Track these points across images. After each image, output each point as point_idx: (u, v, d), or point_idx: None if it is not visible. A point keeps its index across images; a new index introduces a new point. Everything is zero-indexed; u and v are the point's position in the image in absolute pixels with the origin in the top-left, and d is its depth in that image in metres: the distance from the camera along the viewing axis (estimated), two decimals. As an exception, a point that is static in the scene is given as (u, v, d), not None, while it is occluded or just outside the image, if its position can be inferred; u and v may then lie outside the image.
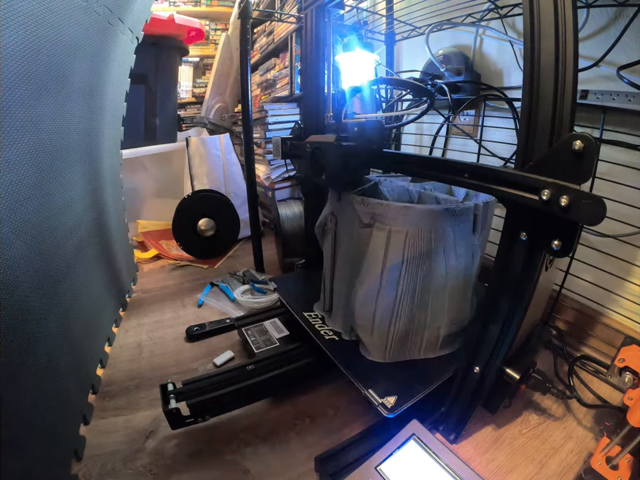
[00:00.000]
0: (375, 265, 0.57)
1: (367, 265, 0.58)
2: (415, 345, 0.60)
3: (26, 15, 0.43)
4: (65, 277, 0.59)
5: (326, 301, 0.71)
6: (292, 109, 1.40)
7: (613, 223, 0.62)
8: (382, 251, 0.56)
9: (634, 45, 0.63)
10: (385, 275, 0.56)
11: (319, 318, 0.71)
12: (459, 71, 0.91)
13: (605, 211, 0.32)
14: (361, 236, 0.59)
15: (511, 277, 0.44)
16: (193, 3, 2.46)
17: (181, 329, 0.86)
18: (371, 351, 0.60)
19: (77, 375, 0.60)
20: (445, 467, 0.44)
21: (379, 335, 0.59)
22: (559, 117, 0.36)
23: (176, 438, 0.58)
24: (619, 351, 0.48)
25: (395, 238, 0.54)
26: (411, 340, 0.60)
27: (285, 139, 0.76)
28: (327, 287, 0.70)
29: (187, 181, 1.41)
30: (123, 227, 1.03)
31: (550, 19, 0.35)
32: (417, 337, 0.60)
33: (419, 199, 0.71)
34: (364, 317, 0.60)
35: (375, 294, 0.57)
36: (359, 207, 0.57)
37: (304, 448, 0.56)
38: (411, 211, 0.53)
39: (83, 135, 0.68)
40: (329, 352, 0.61)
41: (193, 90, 2.62)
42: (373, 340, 0.60)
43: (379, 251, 0.56)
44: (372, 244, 0.57)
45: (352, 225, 0.60)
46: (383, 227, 0.55)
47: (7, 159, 0.43)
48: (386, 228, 0.55)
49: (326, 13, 0.74)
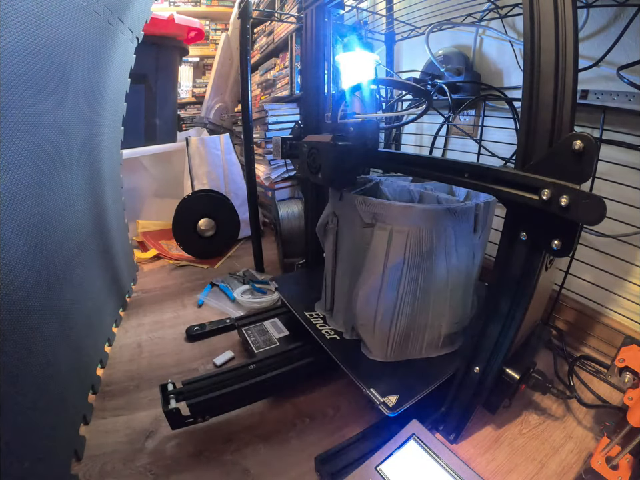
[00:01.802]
0: (377, 265, 0.57)
1: (368, 265, 0.58)
2: (416, 344, 0.60)
3: (26, 14, 0.43)
4: (65, 277, 0.59)
5: (327, 301, 0.71)
6: (292, 109, 1.40)
7: (613, 223, 0.62)
8: (383, 251, 0.56)
9: (634, 45, 0.63)
10: (386, 274, 0.56)
11: (320, 317, 0.71)
12: (459, 71, 0.91)
13: (605, 210, 0.32)
14: (362, 236, 0.59)
15: (511, 277, 0.44)
16: (192, 2, 2.46)
17: (181, 329, 0.86)
18: (373, 351, 0.60)
19: (77, 375, 0.60)
20: (445, 466, 0.44)
21: (381, 334, 0.59)
22: (558, 117, 0.36)
23: (176, 438, 0.58)
24: (618, 351, 0.48)
25: (397, 237, 0.54)
26: (413, 339, 0.60)
27: (285, 139, 0.76)
28: (328, 287, 0.70)
29: (187, 181, 1.41)
30: (123, 226, 1.03)
31: (550, 19, 0.35)
32: (418, 337, 0.60)
33: (420, 199, 0.71)
34: (365, 317, 0.60)
35: (377, 293, 0.57)
36: (360, 207, 0.57)
37: (304, 448, 0.56)
38: (412, 210, 0.53)
39: (82, 135, 0.68)
40: (331, 351, 0.61)
41: (192, 90, 2.62)
42: (375, 339, 0.60)
43: (381, 251, 0.56)
44: (373, 243, 0.57)
45: (353, 225, 0.60)
46: (385, 227, 0.55)
47: (7, 159, 0.43)
48: (387, 228, 0.55)
49: (326, 13, 0.74)
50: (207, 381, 0.61)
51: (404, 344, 0.60)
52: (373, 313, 0.58)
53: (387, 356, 0.60)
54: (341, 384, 0.67)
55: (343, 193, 0.62)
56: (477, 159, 0.92)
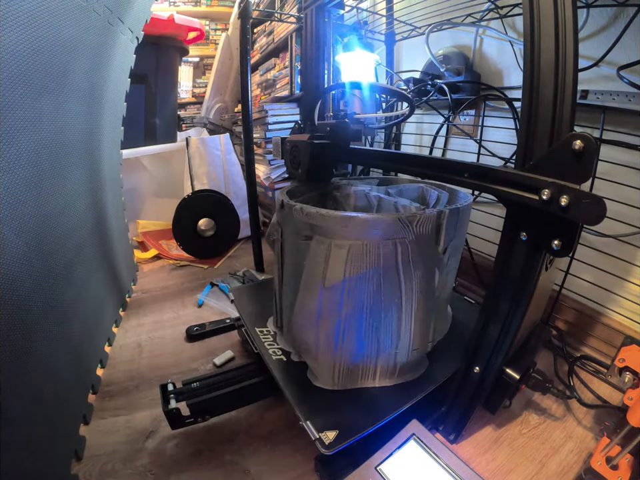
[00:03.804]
0: (314, 283, 0.50)
1: (305, 283, 0.52)
2: (367, 372, 0.54)
3: (26, 14, 0.43)
4: (65, 277, 0.59)
5: (277, 317, 0.66)
6: (292, 109, 1.40)
7: (613, 222, 0.62)
8: (321, 268, 0.49)
9: (634, 45, 0.63)
10: (325, 294, 0.49)
11: (270, 335, 0.65)
12: (459, 71, 0.91)
13: (605, 210, 0.32)
14: (299, 249, 0.52)
15: (511, 277, 0.44)
16: (192, 2, 2.46)
17: (181, 329, 0.86)
18: (319, 377, 0.54)
19: (77, 375, 0.60)
20: (445, 466, 0.44)
21: (325, 360, 0.53)
22: (558, 117, 0.36)
23: (176, 438, 0.58)
24: (618, 351, 0.48)
25: (335, 253, 0.47)
26: (362, 367, 0.53)
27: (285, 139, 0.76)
28: (277, 303, 0.65)
29: (187, 181, 1.41)
30: (123, 226, 1.03)
31: (550, 19, 0.35)
32: (368, 364, 0.53)
33: (377, 206, 0.65)
34: (306, 341, 0.55)
35: (315, 316, 0.51)
36: (298, 216, 0.50)
37: (304, 448, 0.56)
38: (353, 221, 0.45)
39: (82, 135, 0.68)
40: (275, 373, 0.56)
41: (193, 90, 2.62)
42: (318, 365, 0.54)
43: (318, 268, 0.49)
44: (309, 259, 0.50)
45: (295, 236, 0.54)
46: (323, 240, 0.48)
47: (7, 159, 0.43)
48: (326, 242, 0.48)
49: (326, 13, 0.74)
50: (207, 381, 0.61)
51: (353, 371, 0.53)
52: (314, 336, 0.53)
53: (334, 384, 0.53)
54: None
55: (284, 200, 0.55)
56: (477, 158, 0.92)
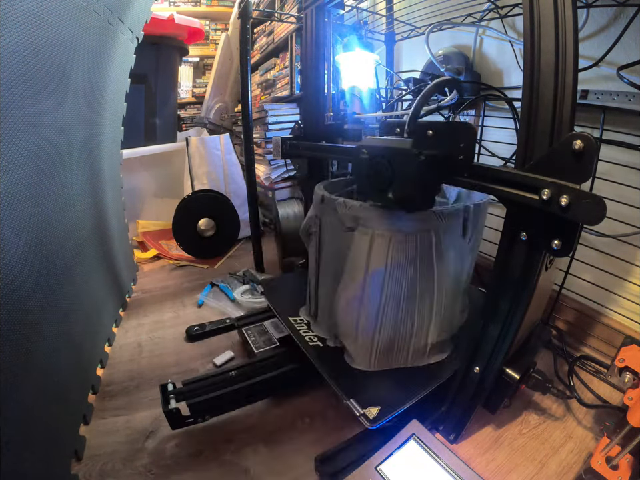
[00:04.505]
0: (358, 270, 0.54)
1: (349, 270, 0.56)
2: (401, 353, 0.58)
3: (26, 14, 0.43)
4: (65, 277, 0.59)
5: (311, 306, 0.69)
6: (292, 109, 1.40)
7: (613, 223, 0.62)
8: (364, 256, 0.53)
9: (634, 45, 0.63)
10: (367, 280, 0.53)
11: (304, 323, 0.68)
12: (459, 71, 0.91)
13: (605, 210, 0.32)
14: (343, 240, 0.56)
15: (511, 277, 0.44)
16: (192, 2, 2.46)
17: (181, 329, 0.86)
18: (355, 359, 0.58)
19: (77, 374, 0.60)
20: (445, 466, 0.44)
21: (363, 342, 0.57)
22: (558, 117, 0.36)
23: (176, 438, 0.58)
24: (618, 351, 0.48)
25: (378, 242, 0.52)
26: (397, 348, 0.57)
27: (285, 139, 0.76)
28: (312, 292, 0.68)
29: (187, 181, 1.41)
30: (122, 226, 1.03)
31: (550, 19, 0.35)
32: (403, 345, 0.57)
33: None
34: (347, 324, 0.58)
35: (358, 300, 0.55)
36: (341, 210, 0.55)
37: (304, 448, 0.56)
38: (394, 214, 0.50)
39: (82, 135, 0.68)
40: (312, 358, 0.59)
41: (193, 90, 2.62)
42: (357, 348, 0.58)
43: (362, 256, 0.53)
44: (354, 248, 0.55)
45: (335, 229, 0.58)
46: (366, 231, 0.53)
47: (7, 159, 0.43)
48: (369, 232, 0.52)
49: (326, 13, 0.74)
50: (207, 381, 0.61)
51: (388, 353, 0.57)
52: (355, 320, 0.56)
53: (370, 365, 0.57)
54: (340, 384, 0.67)
55: (325, 195, 0.59)
56: (476, 158, 0.92)
